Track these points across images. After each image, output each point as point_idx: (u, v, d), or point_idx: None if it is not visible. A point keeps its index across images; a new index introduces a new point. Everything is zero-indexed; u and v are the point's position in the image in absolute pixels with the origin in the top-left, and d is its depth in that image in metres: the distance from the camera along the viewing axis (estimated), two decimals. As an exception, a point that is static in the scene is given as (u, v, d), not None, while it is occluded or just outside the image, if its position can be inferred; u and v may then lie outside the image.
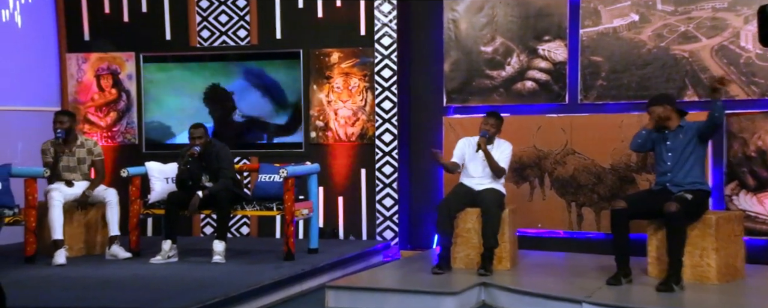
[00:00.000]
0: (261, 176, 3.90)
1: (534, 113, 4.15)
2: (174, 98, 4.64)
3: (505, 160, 3.63)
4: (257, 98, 4.54)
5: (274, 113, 4.53)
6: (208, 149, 3.70)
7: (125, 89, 4.64)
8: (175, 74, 4.56)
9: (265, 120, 4.52)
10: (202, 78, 4.54)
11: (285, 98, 4.54)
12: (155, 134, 4.70)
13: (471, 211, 3.58)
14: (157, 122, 4.67)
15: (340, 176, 4.49)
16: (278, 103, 4.53)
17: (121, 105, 4.65)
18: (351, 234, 4.46)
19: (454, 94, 4.30)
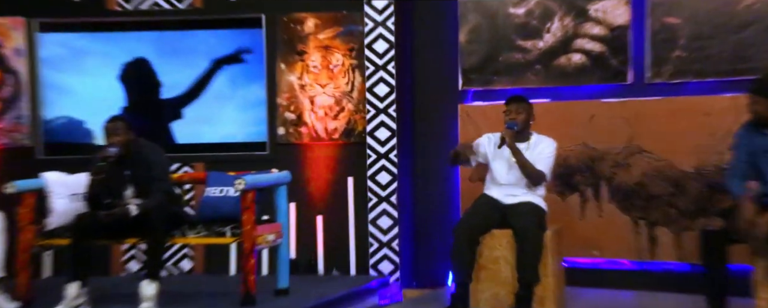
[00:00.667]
0: (209, 189, 3.63)
1: (584, 98, 3.95)
2: (85, 82, 4.35)
3: (545, 162, 3.39)
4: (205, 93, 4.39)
5: (227, 101, 4.32)
6: (132, 152, 3.45)
7: (11, 70, 4.33)
8: (85, 48, 4.31)
9: (214, 112, 4.31)
10: (123, 53, 4.29)
11: (241, 81, 4.34)
12: (61, 134, 4.43)
13: (499, 234, 3.37)
14: (64, 117, 4.40)
15: (318, 188, 4.31)
16: (232, 88, 4.34)
17: (6, 92, 4.33)
18: (335, 267, 4.27)
19: (474, 73, 4.12)
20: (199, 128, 4.35)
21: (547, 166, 3.41)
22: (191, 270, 4.43)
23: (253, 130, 4.31)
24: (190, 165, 4.42)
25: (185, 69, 4.29)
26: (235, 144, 4.34)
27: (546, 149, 3.42)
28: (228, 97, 4.33)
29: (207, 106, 4.35)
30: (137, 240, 3.46)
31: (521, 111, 3.40)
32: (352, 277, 4.15)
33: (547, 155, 3.41)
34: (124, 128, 3.45)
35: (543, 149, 3.41)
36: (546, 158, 3.40)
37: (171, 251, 4.39)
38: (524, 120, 3.40)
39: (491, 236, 3.37)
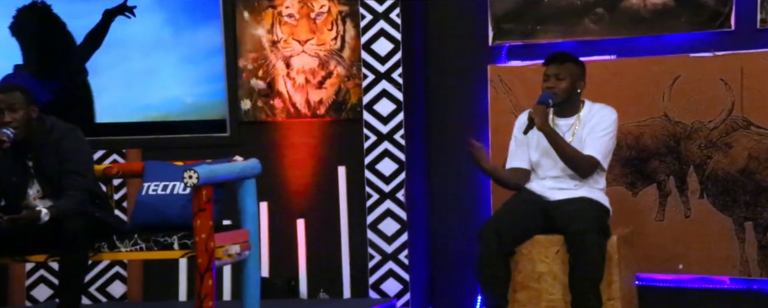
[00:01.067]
0: (146, 184, 3.42)
1: (665, 53, 3.72)
2: None
3: (597, 143, 3.18)
4: (130, 31, 4.20)
5: (168, 52, 4.15)
6: (37, 136, 3.21)
7: None
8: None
9: (150, 66, 4.19)
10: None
11: (187, 33, 4.15)
12: None
13: (545, 240, 3.20)
14: None
15: (298, 182, 4.14)
16: (175, 33, 4.13)
17: None
18: (323, 288, 4.04)
19: (509, 22, 3.89)
20: (128, 91, 4.25)
21: (600, 148, 3.19)
22: (124, 297, 4.24)
23: (207, 89, 4.16)
24: (120, 152, 4.22)
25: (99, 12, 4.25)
26: (182, 123, 4.21)
27: (601, 123, 3.21)
28: (169, 45, 4.19)
29: (139, 59, 4.23)
30: (47, 256, 3.21)
31: (563, 76, 3.22)
32: (345, 301, 3.97)
33: (602, 133, 3.21)
34: (24, 101, 3.17)
35: (596, 125, 3.20)
36: (599, 137, 3.18)
37: (95, 271, 4.21)
38: (567, 89, 3.20)
39: (533, 244, 3.21)
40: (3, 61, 4.19)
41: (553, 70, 3.19)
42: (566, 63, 3.20)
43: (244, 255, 3.31)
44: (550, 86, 3.18)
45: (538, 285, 3.18)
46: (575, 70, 3.20)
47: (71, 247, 3.07)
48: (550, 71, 3.19)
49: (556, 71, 3.18)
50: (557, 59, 3.21)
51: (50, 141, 3.17)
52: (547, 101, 3.14)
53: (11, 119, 3.11)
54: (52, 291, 4.17)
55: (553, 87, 3.17)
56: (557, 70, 3.18)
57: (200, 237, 3.08)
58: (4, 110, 3.12)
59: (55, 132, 3.19)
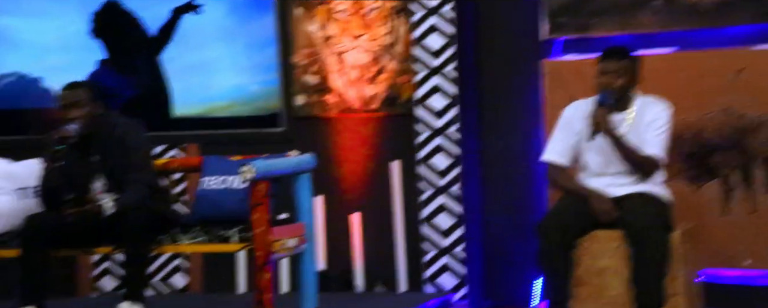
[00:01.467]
0: (205, 179, 3.46)
1: (728, 45, 3.67)
2: (38, 26, 4.31)
3: (656, 140, 3.12)
4: (193, 31, 4.25)
5: (226, 59, 4.21)
6: (101, 131, 3.28)
7: None
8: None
9: (211, 74, 4.24)
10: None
11: (244, 33, 4.19)
12: (5, 100, 4.44)
13: (605, 236, 3.15)
14: (14, 75, 4.40)
15: (353, 177, 4.15)
16: (238, 21, 4.18)
17: None
18: (379, 281, 4.04)
19: (564, 15, 3.86)
20: (191, 81, 4.31)
21: (660, 145, 3.12)
22: (186, 288, 4.28)
23: (269, 78, 4.20)
24: (181, 147, 4.27)
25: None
26: (239, 119, 4.25)
27: (658, 119, 3.14)
28: (231, 34, 4.22)
29: (200, 48, 4.28)
30: (112, 248, 3.28)
31: (620, 73, 3.13)
32: (401, 295, 3.97)
33: (659, 129, 3.13)
34: (88, 98, 3.26)
35: (653, 121, 3.13)
36: (658, 134, 3.12)
37: (158, 263, 4.26)
38: (624, 86, 3.11)
39: (594, 238, 3.16)
40: (88, 56, 4.26)
41: (611, 67, 3.09)
42: (624, 59, 3.11)
43: (300, 248, 3.35)
44: (605, 82, 3.08)
45: (598, 281, 3.13)
46: (630, 67, 3.11)
47: (134, 239, 3.14)
48: (608, 68, 3.09)
49: (614, 68, 3.08)
50: (616, 55, 3.11)
51: (114, 136, 3.24)
52: (606, 101, 3.06)
53: (76, 115, 3.19)
54: (118, 282, 4.21)
55: (610, 84, 3.07)
56: (616, 66, 3.08)
57: (258, 231, 3.12)
58: (70, 106, 3.20)
59: (119, 127, 3.26)
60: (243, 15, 4.20)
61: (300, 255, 3.37)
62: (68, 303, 3.90)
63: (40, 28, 4.32)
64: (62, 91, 3.27)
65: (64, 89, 3.27)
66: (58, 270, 3.88)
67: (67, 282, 4.17)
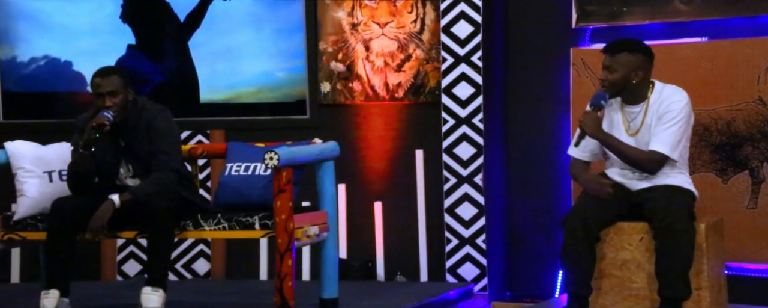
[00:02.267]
0: (230, 165, 3.47)
1: (761, 35, 3.58)
2: (69, 10, 4.34)
3: (663, 135, 3.03)
4: (222, 17, 4.24)
5: (254, 45, 4.21)
6: (128, 117, 3.30)
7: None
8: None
9: (239, 60, 4.25)
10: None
11: (272, 19, 4.20)
12: (35, 83, 4.43)
13: (629, 228, 3.11)
14: (44, 58, 4.38)
15: (376, 165, 4.16)
16: (259, 29, 4.23)
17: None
18: (400, 271, 4.06)
19: (594, 3, 3.80)
20: (219, 67, 4.33)
21: (667, 140, 3.02)
22: (208, 274, 4.32)
23: (295, 64, 4.21)
24: (206, 132, 4.30)
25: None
26: (264, 105, 4.28)
27: (669, 112, 3.04)
28: (260, 20, 4.23)
29: (228, 34, 4.28)
30: (136, 233, 3.29)
31: (615, 67, 3.04)
32: (422, 284, 3.98)
33: (669, 123, 3.04)
34: (122, 85, 3.28)
35: (664, 114, 3.05)
36: (666, 128, 3.03)
37: (181, 248, 4.29)
38: (618, 81, 3.04)
39: (617, 231, 3.12)
40: (118, 40, 4.28)
41: (606, 61, 3.02)
42: (618, 54, 3.01)
43: (322, 236, 3.35)
44: (601, 77, 3.05)
45: (620, 273, 3.10)
46: (630, 61, 3.00)
47: (158, 225, 3.15)
48: (604, 62, 3.03)
49: (607, 63, 3.01)
50: (609, 50, 3.04)
51: (141, 122, 3.25)
52: (599, 103, 3.00)
53: (111, 103, 3.20)
54: (141, 267, 4.24)
55: (603, 80, 3.02)
56: (610, 61, 3.01)
57: (280, 218, 3.13)
58: (105, 95, 3.21)
59: (146, 113, 3.27)
60: (271, 1, 4.19)
61: (322, 242, 3.38)
62: (92, 286, 3.94)
63: (70, 12, 4.32)
64: (96, 77, 3.27)
65: (99, 76, 3.26)
66: (83, 253, 3.86)
67: (91, 266, 4.19)
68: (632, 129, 3.05)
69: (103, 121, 3.16)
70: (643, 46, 3.08)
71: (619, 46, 3.06)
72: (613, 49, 3.04)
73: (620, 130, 3.07)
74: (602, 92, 3.03)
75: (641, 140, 3.04)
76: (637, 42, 3.11)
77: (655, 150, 3.00)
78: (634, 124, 3.05)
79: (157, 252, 3.19)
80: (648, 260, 3.04)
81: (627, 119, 3.06)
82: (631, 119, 3.06)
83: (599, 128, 3.01)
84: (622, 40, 3.13)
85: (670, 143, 3.00)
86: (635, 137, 3.04)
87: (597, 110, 3.02)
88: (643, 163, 3.02)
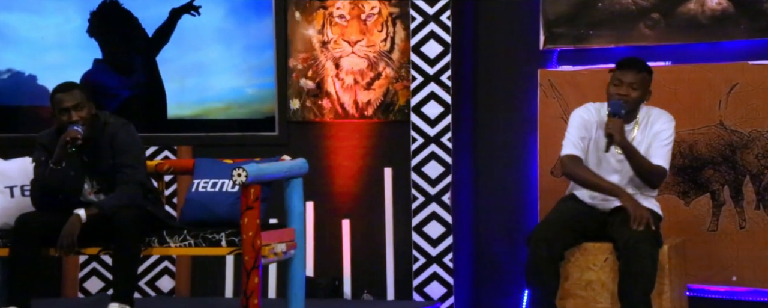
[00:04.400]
0: (197, 181, 3.46)
1: (723, 60, 3.70)
2: (36, 23, 4.33)
3: (662, 151, 3.16)
4: (191, 33, 4.27)
5: (224, 61, 4.22)
6: (93, 132, 3.28)
7: None
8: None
9: (208, 76, 4.25)
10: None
11: (242, 35, 4.22)
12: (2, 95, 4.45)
13: (594, 248, 3.18)
14: (8, 72, 4.40)
15: (345, 183, 4.17)
16: (229, 45, 4.24)
17: None
18: (366, 289, 4.06)
19: (561, 26, 3.86)
20: (187, 82, 4.33)
21: (667, 157, 3.17)
22: (173, 291, 4.28)
23: (265, 81, 4.21)
24: (172, 148, 4.29)
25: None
26: (232, 122, 4.26)
27: (664, 131, 3.17)
28: (230, 36, 4.24)
29: (197, 50, 4.29)
30: (100, 249, 3.26)
31: (637, 85, 3.12)
32: (389, 303, 3.98)
33: (666, 141, 3.17)
34: (85, 98, 3.26)
35: (659, 133, 3.14)
36: (663, 146, 3.16)
37: (145, 265, 4.25)
38: (638, 99, 3.12)
39: (582, 251, 3.18)
40: (85, 55, 4.26)
41: (628, 78, 3.07)
42: (642, 73, 3.09)
43: (289, 253, 3.32)
44: (622, 93, 3.06)
45: (585, 293, 3.15)
46: (648, 81, 3.12)
47: (124, 238, 3.12)
48: (626, 79, 3.07)
49: (631, 80, 3.06)
50: (635, 67, 3.09)
51: (105, 136, 3.23)
52: (619, 111, 3.05)
53: (78, 117, 3.18)
54: (104, 283, 4.20)
55: (625, 95, 3.06)
56: (634, 78, 3.07)
57: (247, 235, 3.10)
58: (71, 109, 3.18)
59: (109, 127, 3.24)
60: (242, 17, 4.20)
61: (289, 260, 3.35)
62: (53, 303, 3.87)
63: (37, 26, 4.30)
64: (58, 93, 3.23)
65: (61, 92, 3.23)
66: (44, 269, 3.78)
67: (52, 283, 4.15)
68: None
69: (75, 135, 3.13)
70: (650, 68, 3.16)
71: (643, 65, 3.12)
72: (638, 67, 3.10)
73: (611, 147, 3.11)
74: (618, 102, 3.06)
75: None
76: (646, 63, 3.16)
77: (660, 165, 3.08)
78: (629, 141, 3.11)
79: (123, 266, 3.15)
80: (613, 280, 3.08)
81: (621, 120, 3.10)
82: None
83: (624, 135, 3.06)
84: (640, 60, 3.17)
85: (669, 160, 3.11)
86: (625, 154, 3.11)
87: (619, 118, 3.06)
88: (653, 175, 3.09)
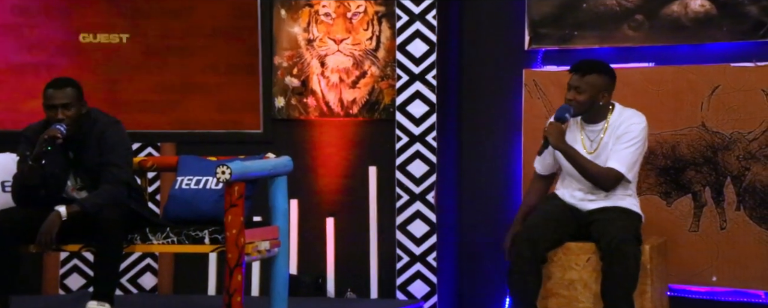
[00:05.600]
0: (180, 178, 3.45)
1: (705, 62, 3.71)
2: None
3: (620, 155, 3.13)
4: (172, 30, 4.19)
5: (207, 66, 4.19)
6: (81, 129, 3.27)
7: None
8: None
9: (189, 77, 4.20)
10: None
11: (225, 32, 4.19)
12: None
13: (577, 248, 3.19)
14: None
15: (329, 181, 4.18)
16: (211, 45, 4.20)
17: None
18: (350, 287, 4.05)
19: (546, 26, 3.88)
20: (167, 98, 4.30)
21: (623, 160, 3.12)
22: (155, 289, 4.27)
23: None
24: (156, 145, 4.27)
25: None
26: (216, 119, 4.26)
27: (628, 133, 3.15)
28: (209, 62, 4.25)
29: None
30: (82, 246, 3.24)
31: (583, 89, 3.13)
32: (372, 301, 4.00)
33: (627, 144, 3.15)
34: (76, 97, 3.24)
35: (623, 135, 3.15)
36: (623, 148, 3.13)
37: (127, 262, 4.23)
38: (585, 102, 3.13)
39: (565, 251, 3.20)
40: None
41: (574, 82, 3.10)
42: (588, 75, 3.09)
43: (273, 251, 3.32)
44: (569, 97, 3.11)
45: (567, 293, 3.17)
46: (598, 83, 3.09)
47: (107, 236, 3.11)
48: (572, 82, 3.11)
49: (577, 83, 3.09)
50: (579, 70, 3.11)
51: (93, 133, 3.21)
52: (563, 116, 3.08)
53: (64, 116, 3.15)
54: (85, 280, 4.18)
55: (571, 100, 3.10)
56: (579, 82, 3.09)
57: (231, 233, 3.10)
58: (58, 107, 3.15)
59: (98, 125, 3.22)
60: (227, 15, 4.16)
61: (272, 258, 3.35)
62: (33, 301, 3.84)
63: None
64: (50, 89, 3.20)
65: (53, 88, 3.20)
66: (24, 266, 3.71)
67: (33, 279, 4.12)
68: (591, 148, 3.14)
69: (55, 134, 3.10)
70: (609, 68, 3.17)
71: (589, 67, 3.12)
72: (583, 70, 3.10)
73: (579, 148, 3.15)
74: (567, 106, 3.09)
75: (599, 158, 3.13)
76: (604, 64, 3.18)
77: (612, 167, 3.08)
78: (593, 143, 3.14)
79: (105, 264, 3.14)
80: (595, 280, 3.11)
81: (588, 138, 3.15)
82: (591, 139, 3.15)
83: (562, 139, 3.08)
84: (590, 61, 3.20)
85: (627, 163, 3.10)
86: (593, 155, 3.14)
87: (561, 123, 3.09)
88: (600, 178, 3.10)
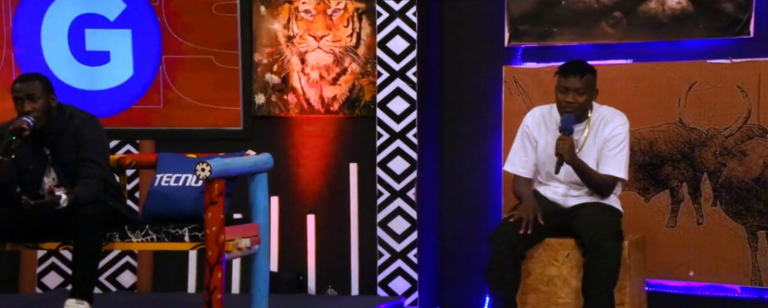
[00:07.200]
0: (160, 176, 3.44)
1: (682, 58, 3.74)
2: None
3: (615, 160, 3.18)
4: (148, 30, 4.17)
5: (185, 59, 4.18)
6: (53, 124, 3.24)
7: None
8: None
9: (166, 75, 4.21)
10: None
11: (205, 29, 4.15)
12: None
13: (556, 244, 3.22)
14: None
15: (310, 178, 4.17)
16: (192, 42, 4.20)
17: None
18: (331, 284, 4.06)
19: (525, 23, 3.90)
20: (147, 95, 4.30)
21: (620, 165, 3.19)
22: (134, 287, 4.25)
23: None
24: (135, 143, 4.25)
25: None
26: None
27: (616, 136, 3.18)
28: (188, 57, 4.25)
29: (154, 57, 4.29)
30: (59, 244, 3.22)
31: (582, 90, 3.13)
32: (353, 298, 4.00)
33: (619, 147, 3.18)
34: (43, 90, 3.21)
35: (611, 138, 3.17)
36: (617, 153, 3.17)
37: (106, 260, 4.20)
38: (585, 103, 3.14)
39: (544, 247, 3.22)
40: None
41: (574, 84, 3.08)
42: (586, 75, 3.11)
43: (253, 248, 3.32)
44: (569, 100, 3.09)
45: (547, 288, 3.20)
46: (593, 82, 3.14)
47: (86, 234, 3.09)
48: (571, 85, 3.09)
49: (577, 85, 3.08)
50: (578, 72, 3.09)
51: (69, 129, 3.19)
52: (570, 128, 3.07)
53: (31, 108, 3.13)
54: (62, 279, 4.16)
55: (572, 102, 3.08)
56: (578, 83, 3.08)
57: (211, 230, 3.09)
58: (24, 99, 3.14)
59: (74, 121, 3.20)
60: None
61: (253, 255, 3.34)
62: (10, 299, 3.84)
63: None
64: (17, 83, 3.19)
65: (19, 82, 3.19)
66: (1, 265, 3.86)
67: (9, 278, 4.11)
68: (576, 147, 3.16)
69: (21, 125, 3.08)
70: (593, 67, 3.19)
71: (584, 68, 3.12)
72: (581, 71, 3.10)
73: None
74: (569, 116, 3.08)
75: (586, 158, 3.16)
76: (588, 63, 3.19)
77: (610, 174, 3.12)
78: (577, 143, 3.16)
79: (83, 262, 3.11)
80: (575, 276, 3.14)
81: (572, 138, 3.14)
82: (575, 138, 3.16)
83: (575, 154, 3.09)
84: (580, 62, 3.20)
85: (624, 167, 3.15)
86: (579, 154, 3.15)
87: (569, 135, 3.08)
88: (603, 186, 3.16)
